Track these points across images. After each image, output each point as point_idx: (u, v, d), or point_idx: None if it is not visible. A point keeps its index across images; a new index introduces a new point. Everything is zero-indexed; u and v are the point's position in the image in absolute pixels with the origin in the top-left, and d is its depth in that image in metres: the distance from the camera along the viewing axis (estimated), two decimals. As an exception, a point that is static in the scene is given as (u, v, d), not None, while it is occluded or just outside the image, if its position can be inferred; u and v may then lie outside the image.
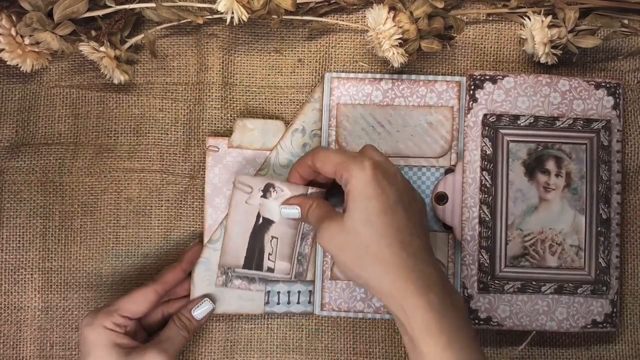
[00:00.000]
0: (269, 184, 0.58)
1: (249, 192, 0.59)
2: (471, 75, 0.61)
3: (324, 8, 0.62)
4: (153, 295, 0.57)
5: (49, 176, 0.63)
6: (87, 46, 0.58)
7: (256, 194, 0.58)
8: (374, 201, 0.49)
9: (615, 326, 0.60)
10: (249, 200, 0.59)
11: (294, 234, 0.60)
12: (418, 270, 0.49)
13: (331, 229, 0.51)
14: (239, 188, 0.59)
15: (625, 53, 0.64)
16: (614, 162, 0.61)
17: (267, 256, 0.59)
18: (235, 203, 0.59)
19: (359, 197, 0.50)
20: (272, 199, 0.58)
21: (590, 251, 0.60)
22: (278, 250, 0.59)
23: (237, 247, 0.59)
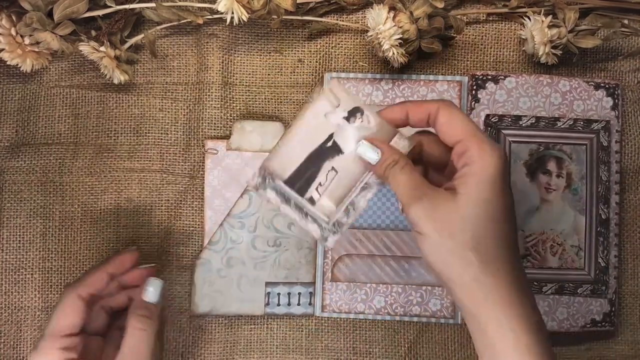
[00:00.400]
0: (358, 108, 0.49)
1: (335, 106, 0.49)
2: (473, 75, 0.61)
3: (324, 8, 0.62)
4: (79, 303, 0.51)
5: (49, 176, 0.63)
6: (87, 46, 0.58)
7: (340, 112, 0.49)
8: (500, 198, 0.43)
9: (613, 325, 0.60)
10: (330, 115, 0.49)
11: (357, 178, 0.49)
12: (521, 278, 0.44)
13: (439, 205, 0.43)
14: (326, 97, 0.49)
15: (625, 53, 0.64)
16: (613, 163, 0.61)
17: (316, 185, 0.49)
18: (314, 110, 0.49)
19: (485, 186, 0.43)
20: (354, 125, 0.49)
21: (590, 251, 0.61)
22: (331, 186, 0.49)
23: (291, 156, 0.49)
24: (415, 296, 0.61)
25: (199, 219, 0.63)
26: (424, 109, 0.47)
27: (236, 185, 0.62)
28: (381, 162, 0.47)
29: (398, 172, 0.46)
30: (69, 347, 0.50)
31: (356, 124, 0.48)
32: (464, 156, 0.44)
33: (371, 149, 0.47)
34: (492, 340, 0.43)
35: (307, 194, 0.49)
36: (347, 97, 0.49)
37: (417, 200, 0.44)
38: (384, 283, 0.61)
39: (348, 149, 0.49)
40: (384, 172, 0.46)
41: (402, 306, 0.61)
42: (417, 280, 0.61)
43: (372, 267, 0.62)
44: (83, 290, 0.51)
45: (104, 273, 0.53)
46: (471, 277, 0.43)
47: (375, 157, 0.47)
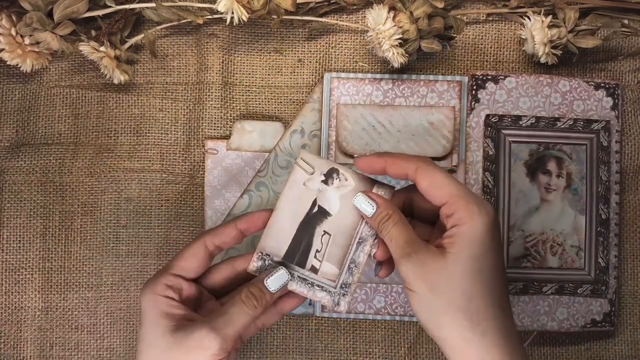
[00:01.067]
0: (333, 168, 0.51)
1: (310, 174, 0.51)
2: (473, 75, 0.61)
3: (324, 8, 0.62)
4: (202, 249, 0.50)
5: (49, 176, 0.63)
6: (87, 46, 0.58)
7: (317, 177, 0.51)
8: (491, 254, 0.44)
9: (613, 325, 0.60)
10: (308, 183, 0.51)
11: (350, 236, 0.50)
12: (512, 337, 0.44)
13: (429, 263, 0.44)
14: (300, 166, 0.51)
15: (625, 53, 0.64)
16: (613, 163, 0.61)
17: (314, 253, 0.50)
18: (292, 182, 0.51)
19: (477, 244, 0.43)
20: (333, 187, 0.51)
21: (590, 251, 0.61)
22: (328, 250, 0.50)
23: (283, 233, 0.50)
24: (415, 296, 0.61)
25: (199, 220, 0.63)
26: (401, 167, 0.47)
27: (236, 185, 0.62)
28: (375, 215, 0.48)
29: (391, 227, 0.46)
30: (172, 286, 0.48)
31: (335, 185, 0.50)
32: (451, 217, 0.44)
33: (366, 202, 0.48)
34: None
35: (308, 264, 0.50)
36: (320, 162, 0.51)
37: (407, 257, 0.44)
38: (384, 283, 0.61)
39: (334, 210, 0.50)
40: (377, 225, 0.47)
41: (402, 306, 0.61)
42: (417, 280, 0.61)
43: (372, 267, 0.62)
44: (210, 240, 0.50)
45: (234, 228, 0.50)
46: (461, 337, 0.43)
47: (370, 210, 0.48)
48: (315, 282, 0.51)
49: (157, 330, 0.46)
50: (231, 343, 0.46)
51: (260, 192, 0.62)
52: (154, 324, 0.47)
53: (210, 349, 0.45)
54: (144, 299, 0.48)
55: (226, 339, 0.46)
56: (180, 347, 0.45)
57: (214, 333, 0.45)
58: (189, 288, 0.50)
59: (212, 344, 0.45)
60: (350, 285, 0.51)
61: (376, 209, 0.48)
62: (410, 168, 0.46)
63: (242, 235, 0.51)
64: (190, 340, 0.45)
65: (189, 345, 0.45)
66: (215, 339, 0.45)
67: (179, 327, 0.46)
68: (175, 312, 0.47)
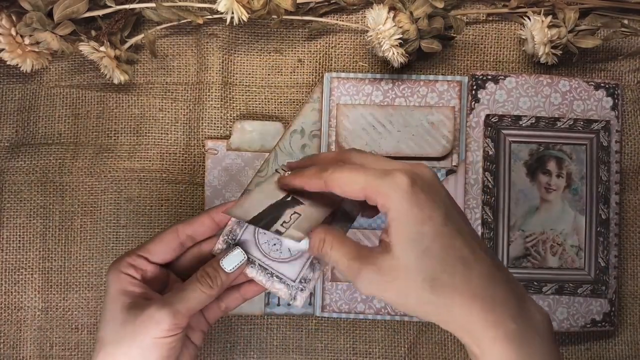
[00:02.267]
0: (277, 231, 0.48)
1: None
2: (473, 75, 0.61)
3: (324, 8, 0.62)
4: (173, 237, 0.50)
5: (49, 176, 0.63)
6: (87, 46, 0.58)
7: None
8: (425, 226, 0.41)
9: (613, 325, 0.60)
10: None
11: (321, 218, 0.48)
12: (492, 295, 0.41)
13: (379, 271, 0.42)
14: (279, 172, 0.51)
15: (625, 53, 0.64)
16: (613, 163, 0.61)
17: (280, 222, 0.47)
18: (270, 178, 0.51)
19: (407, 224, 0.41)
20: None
21: (590, 251, 0.61)
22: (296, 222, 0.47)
23: (254, 205, 0.49)
24: (415, 296, 0.61)
25: (199, 219, 0.63)
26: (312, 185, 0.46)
27: (236, 185, 0.62)
28: (311, 248, 0.46)
29: (329, 252, 0.45)
30: (136, 265, 0.49)
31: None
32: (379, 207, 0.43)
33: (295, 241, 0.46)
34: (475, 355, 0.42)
35: (273, 228, 0.47)
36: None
37: (358, 276, 0.43)
38: (384, 283, 0.61)
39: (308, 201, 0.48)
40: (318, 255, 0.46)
41: (402, 306, 0.61)
42: (417, 280, 0.61)
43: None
44: (182, 228, 0.50)
45: (208, 217, 0.51)
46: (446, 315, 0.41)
47: (304, 247, 0.47)
48: (274, 272, 0.50)
49: (115, 305, 0.47)
50: (184, 319, 0.47)
51: (260, 192, 0.62)
52: (113, 299, 0.47)
53: (161, 323, 0.46)
54: (108, 275, 0.49)
55: (177, 314, 0.46)
56: (133, 321, 0.46)
57: (166, 308, 0.46)
58: (153, 270, 0.50)
59: (163, 318, 0.46)
60: (310, 282, 0.50)
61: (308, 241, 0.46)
62: (319, 184, 0.45)
63: (216, 225, 0.51)
64: (144, 315, 0.46)
65: (142, 320, 0.46)
66: (167, 313, 0.46)
67: (135, 303, 0.47)
68: (133, 289, 0.48)
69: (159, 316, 0.46)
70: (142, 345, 0.46)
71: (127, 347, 0.46)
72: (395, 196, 0.41)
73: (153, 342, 0.46)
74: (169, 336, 0.46)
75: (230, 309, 0.53)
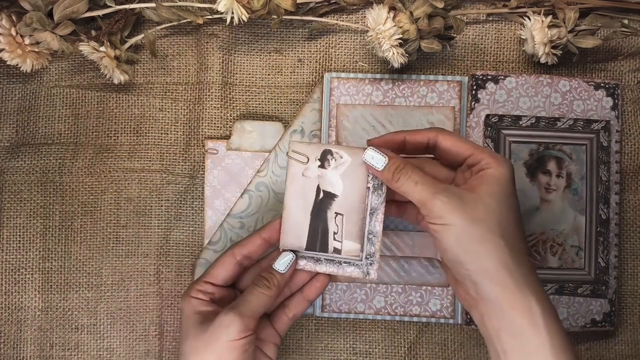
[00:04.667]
0: (326, 150, 0.52)
1: (305, 163, 0.52)
2: (473, 75, 0.61)
3: (324, 8, 0.62)
4: (230, 259, 0.54)
5: (49, 176, 0.63)
6: (87, 46, 0.58)
7: (313, 164, 0.52)
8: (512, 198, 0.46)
9: (613, 325, 0.60)
10: (306, 173, 0.52)
11: (362, 209, 0.52)
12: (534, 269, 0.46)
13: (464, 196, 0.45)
14: (294, 158, 0.52)
15: (625, 53, 0.64)
16: (613, 163, 0.61)
17: (332, 236, 0.52)
18: (292, 176, 0.52)
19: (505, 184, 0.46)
20: (331, 168, 0.52)
21: (590, 251, 0.61)
22: (345, 229, 0.52)
23: (298, 225, 0.52)
24: (415, 296, 0.61)
25: (199, 219, 0.63)
26: (423, 135, 0.50)
27: (236, 185, 0.62)
28: (389, 165, 0.48)
29: (410, 172, 0.47)
30: (204, 291, 0.53)
31: (332, 166, 0.52)
32: (478, 164, 0.47)
33: (378, 155, 0.49)
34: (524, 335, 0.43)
35: (330, 248, 0.52)
36: (311, 147, 0.52)
37: (441, 191, 0.45)
38: (384, 283, 0.61)
39: (339, 190, 0.52)
40: (392, 175, 0.48)
41: (402, 306, 0.61)
42: (417, 280, 0.61)
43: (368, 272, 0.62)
44: (237, 250, 0.54)
45: (258, 237, 0.54)
46: (501, 264, 0.44)
47: (383, 161, 0.49)
48: (342, 260, 0.52)
49: (189, 323, 0.51)
50: (251, 321, 0.50)
51: (260, 192, 0.62)
52: (188, 319, 0.52)
53: (231, 326, 0.49)
54: (181, 302, 0.53)
55: (244, 316, 0.49)
56: (206, 332, 0.49)
57: (232, 312, 0.49)
58: (220, 291, 0.54)
59: (232, 321, 0.49)
60: (375, 254, 0.52)
61: (388, 160, 0.48)
62: (431, 134, 0.49)
63: (267, 243, 0.54)
64: (214, 324, 0.49)
65: (214, 327, 0.49)
66: (235, 316, 0.49)
67: (206, 318, 0.51)
68: (203, 308, 0.52)
69: (228, 320, 0.49)
70: (217, 350, 0.49)
71: (203, 353, 0.49)
72: (504, 163, 0.46)
73: (226, 345, 0.49)
74: (240, 338, 0.49)
75: (297, 315, 0.56)
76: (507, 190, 0.46)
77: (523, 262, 0.45)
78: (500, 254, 0.44)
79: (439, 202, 0.45)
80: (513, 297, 0.44)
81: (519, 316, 0.43)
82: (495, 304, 0.44)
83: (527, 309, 0.43)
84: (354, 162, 0.51)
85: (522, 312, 0.43)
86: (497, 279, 0.44)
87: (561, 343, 0.43)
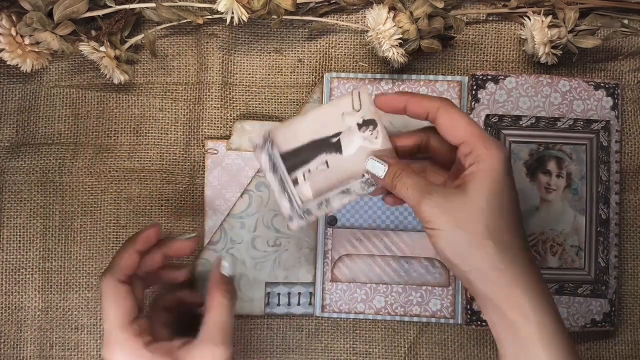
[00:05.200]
0: (374, 120, 0.51)
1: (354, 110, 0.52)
2: (473, 75, 0.61)
3: (324, 8, 0.62)
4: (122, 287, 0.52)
5: (49, 176, 0.63)
6: (87, 46, 0.58)
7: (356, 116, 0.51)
8: (508, 191, 0.45)
9: (613, 325, 0.60)
10: (346, 115, 0.51)
11: (342, 180, 0.51)
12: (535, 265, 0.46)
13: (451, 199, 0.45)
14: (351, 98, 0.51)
15: (625, 53, 0.64)
16: (613, 163, 0.61)
17: (305, 169, 0.51)
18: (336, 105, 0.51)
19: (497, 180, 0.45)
20: (362, 134, 0.51)
21: (590, 251, 0.61)
22: (317, 177, 0.51)
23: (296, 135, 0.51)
24: (415, 296, 0.61)
25: (199, 219, 0.63)
26: (423, 106, 0.48)
27: (236, 186, 0.62)
28: (389, 173, 0.49)
29: (405, 177, 0.48)
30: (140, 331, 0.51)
31: (365, 134, 0.51)
32: (470, 156, 0.46)
33: (379, 163, 0.50)
34: (515, 327, 0.44)
35: (293, 175, 0.51)
36: (369, 107, 0.51)
37: (428, 195, 0.46)
38: (384, 283, 0.61)
39: (347, 152, 0.51)
40: (391, 181, 0.49)
41: (402, 306, 0.61)
42: (417, 280, 0.61)
43: (372, 267, 0.62)
44: (120, 274, 0.52)
45: (132, 253, 0.53)
46: (490, 265, 0.44)
47: (383, 169, 0.49)
48: (288, 190, 0.51)
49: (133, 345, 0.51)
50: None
51: (260, 192, 0.62)
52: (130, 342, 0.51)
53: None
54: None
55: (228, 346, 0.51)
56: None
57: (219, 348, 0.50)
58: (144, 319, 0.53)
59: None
60: (311, 215, 0.51)
61: (388, 167, 0.49)
62: (433, 107, 0.48)
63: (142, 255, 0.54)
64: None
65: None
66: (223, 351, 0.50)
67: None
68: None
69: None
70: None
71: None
72: (496, 153, 0.45)
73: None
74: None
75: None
76: (499, 185, 0.45)
77: (518, 258, 0.45)
78: (488, 257, 0.44)
79: (427, 206, 0.45)
80: (504, 294, 0.44)
81: (510, 311, 0.44)
82: (489, 300, 0.45)
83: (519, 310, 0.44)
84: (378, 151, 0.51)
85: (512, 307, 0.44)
86: (488, 279, 0.45)
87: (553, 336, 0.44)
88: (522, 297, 0.44)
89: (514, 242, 0.45)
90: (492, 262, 0.44)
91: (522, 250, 0.45)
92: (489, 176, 0.45)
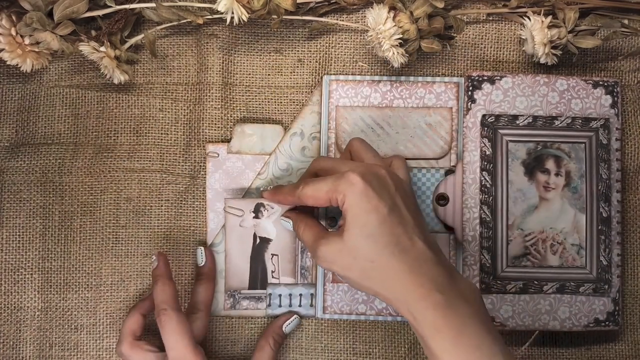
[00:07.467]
0: (258, 204, 0.61)
1: (241, 215, 0.61)
2: (469, 76, 0.61)
3: (324, 8, 0.62)
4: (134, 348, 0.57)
5: (49, 176, 0.63)
6: (87, 46, 0.58)
7: (248, 215, 0.61)
8: (372, 214, 0.49)
9: (617, 324, 0.60)
10: (243, 223, 0.61)
11: (294, 249, 0.61)
12: (423, 273, 0.48)
13: (331, 249, 0.51)
14: (231, 212, 0.61)
15: (625, 53, 0.64)
16: (614, 161, 0.61)
17: (270, 274, 0.61)
18: (230, 228, 0.61)
19: (357, 214, 0.49)
20: (264, 217, 0.61)
21: (591, 250, 0.60)
22: (280, 267, 0.61)
23: (240, 269, 0.61)
24: (415, 296, 0.61)
25: (200, 219, 0.63)
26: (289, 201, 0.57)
27: (237, 188, 0.62)
28: (294, 226, 0.57)
29: (301, 232, 0.55)
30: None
31: (265, 215, 0.61)
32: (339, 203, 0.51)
33: (285, 221, 0.58)
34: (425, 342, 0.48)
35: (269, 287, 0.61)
36: (245, 202, 0.61)
37: (315, 250, 0.52)
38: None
39: (273, 234, 0.61)
40: (297, 231, 0.56)
41: (402, 306, 0.61)
42: (417, 281, 0.61)
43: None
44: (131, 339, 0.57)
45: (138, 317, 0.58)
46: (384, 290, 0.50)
47: (290, 224, 0.58)
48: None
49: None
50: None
51: (260, 193, 0.62)
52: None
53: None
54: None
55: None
56: None
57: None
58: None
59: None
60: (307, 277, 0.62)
61: (292, 223, 0.57)
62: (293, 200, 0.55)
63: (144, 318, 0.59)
64: None
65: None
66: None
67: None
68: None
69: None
70: None
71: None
72: (349, 191, 0.50)
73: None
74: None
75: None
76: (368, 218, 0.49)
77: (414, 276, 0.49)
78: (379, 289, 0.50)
79: (318, 261, 0.53)
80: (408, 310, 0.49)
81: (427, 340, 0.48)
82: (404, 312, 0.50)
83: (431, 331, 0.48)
84: (283, 210, 0.60)
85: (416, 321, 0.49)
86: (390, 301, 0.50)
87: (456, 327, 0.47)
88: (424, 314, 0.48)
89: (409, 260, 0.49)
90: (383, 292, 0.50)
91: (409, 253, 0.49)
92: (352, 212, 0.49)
